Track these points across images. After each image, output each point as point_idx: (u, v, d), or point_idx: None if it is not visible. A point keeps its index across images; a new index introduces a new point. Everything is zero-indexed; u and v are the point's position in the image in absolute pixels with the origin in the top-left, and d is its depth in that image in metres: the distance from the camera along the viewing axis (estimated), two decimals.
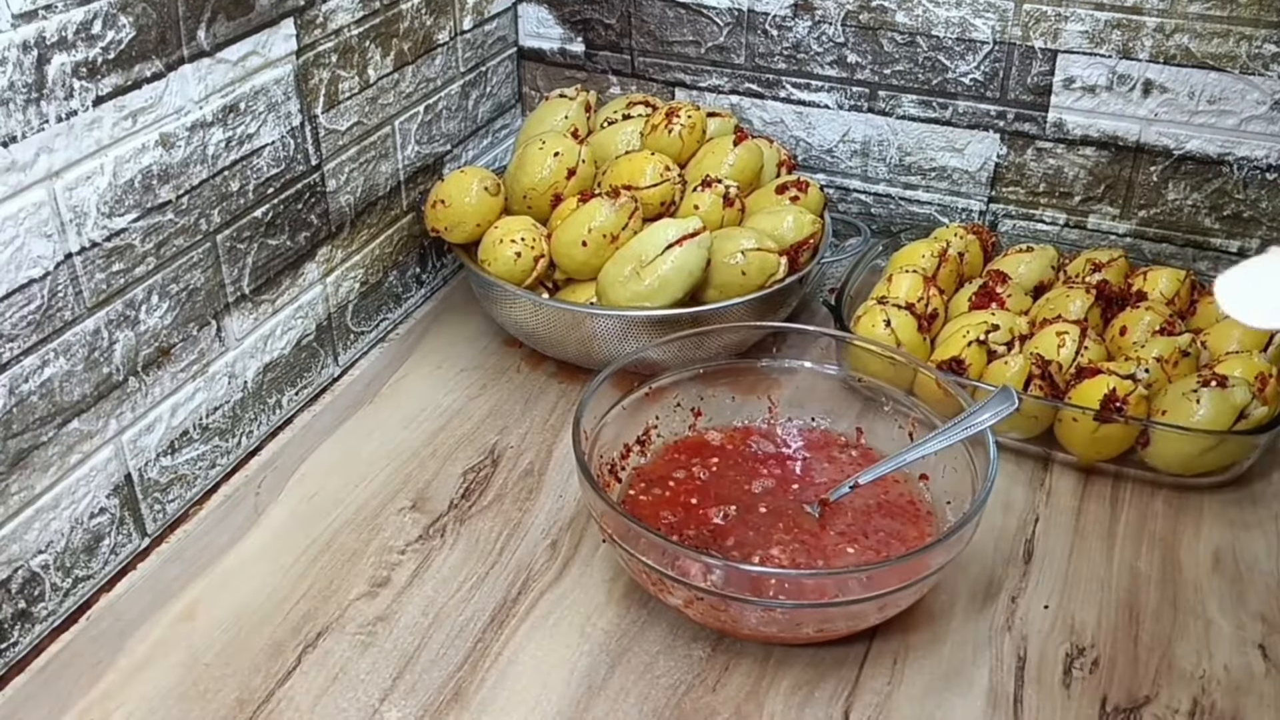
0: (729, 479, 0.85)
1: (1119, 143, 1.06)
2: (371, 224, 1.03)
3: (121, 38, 0.72)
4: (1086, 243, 1.11)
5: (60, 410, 0.74)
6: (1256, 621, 0.78)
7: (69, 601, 0.78)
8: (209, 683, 0.73)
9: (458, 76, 1.11)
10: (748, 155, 1.04)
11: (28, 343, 0.70)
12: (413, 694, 0.72)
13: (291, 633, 0.77)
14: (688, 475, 0.85)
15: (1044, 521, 0.86)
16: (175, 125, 0.78)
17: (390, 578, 0.81)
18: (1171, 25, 0.99)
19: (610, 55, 1.21)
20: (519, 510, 0.87)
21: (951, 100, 1.10)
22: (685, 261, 0.93)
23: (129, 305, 0.77)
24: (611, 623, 0.77)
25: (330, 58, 0.92)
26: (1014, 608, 0.79)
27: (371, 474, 0.91)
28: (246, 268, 0.88)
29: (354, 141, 0.97)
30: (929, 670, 0.74)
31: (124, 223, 0.75)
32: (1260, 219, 1.04)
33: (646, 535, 0.71)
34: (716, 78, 1.18)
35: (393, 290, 1.08)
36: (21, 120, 0.67)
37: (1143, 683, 0.73)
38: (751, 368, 0.92)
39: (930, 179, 1.15)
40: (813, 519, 0.81)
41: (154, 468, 0.83)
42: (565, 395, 1.00)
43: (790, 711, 0.71)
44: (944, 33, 1.07)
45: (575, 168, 1.02)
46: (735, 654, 0.75)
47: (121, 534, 0.81)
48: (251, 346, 0.91)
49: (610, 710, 0.71)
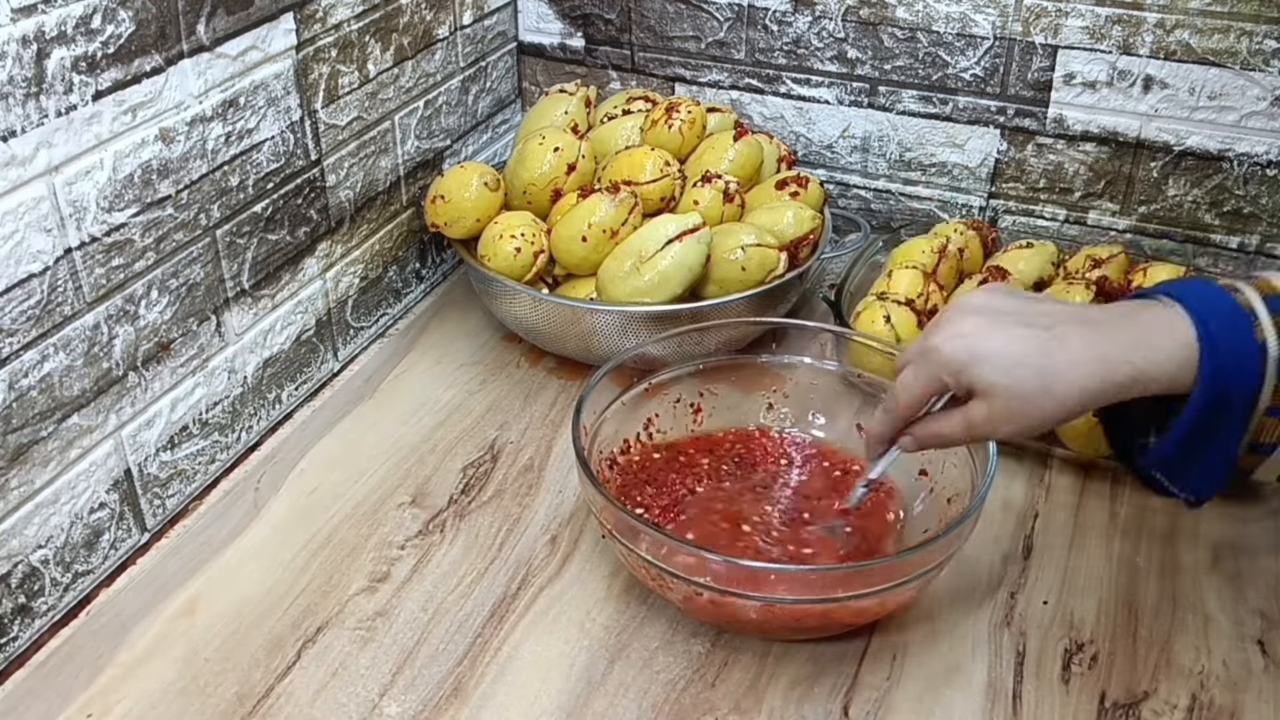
0: (730, 475, 0.85)
1: (1119, 138, 1.06)
2: (371, 219, 1.02)
3: (121, 32, 0.72)
4: (1086, 239, 1.11)
5: (60, 405, 0.74)
6: (1255, 617, 0.78)
7: (69, 596, 0.78)
8: (209, 678, 0.73)
9: (457, 71, 1.11)
10: (748, 151, 1.04)
11: (27, 337, 0.70)
12: (412, 689, 0.72)
13: (291, 628, 0.77)
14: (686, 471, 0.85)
15: (1043, 517, 0.86)
16: (175, 120, 0.78)
17: (390, 573, 0.81)
18: (1172, 21, 0.99)
19: (610, 50, 1.21)
20: (519, 505, 0.87)
21: (952, 96, 1.10)
22: (685, 257, 0.93)
23: (129, 300, 0.77)
24: (611, 618, 0.77)
25: (330, 52, 0.92)
26: (1013, 603, 0.79)
27: (371, 469, 0.91)
28: (246, 263, 0.88)
29: (354, 136, 0.97)
30: (928, 666, 0.74)
31: (123, 217, 0.75)
32: (1260, 215, 1.04)
33: (645, 530, 0.72)
34: (716, 73, 1.18)
35: (392, 285, 1.08)
36: (21, 115, 0.67)
37: (1141, 678, 0.74)
38: (751, 363, 0.92)
39: (930, 175, 1.15)
40: (811, 516, 0.81)
41: (154, 463, 0.83)
42: (565, 391, 1.00)
43: (789, 707, 0.71)
44: (944, 28, 1.07)
45: (575, 163, 1.02)
46: (734, 649, 0.75)
47: (121, 529, 0.81)
48: (251, 342, 0.91)
49: (610, 705, 0.71)
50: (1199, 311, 0.63)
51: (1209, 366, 0.62)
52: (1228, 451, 0.65)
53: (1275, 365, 0.62)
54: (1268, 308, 0.63)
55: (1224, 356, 0.62)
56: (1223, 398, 0.63)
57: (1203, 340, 0.62)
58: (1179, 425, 0.64)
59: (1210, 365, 0.62)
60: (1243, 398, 0.63)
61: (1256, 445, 0.65)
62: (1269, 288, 0.64)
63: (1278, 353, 0.62)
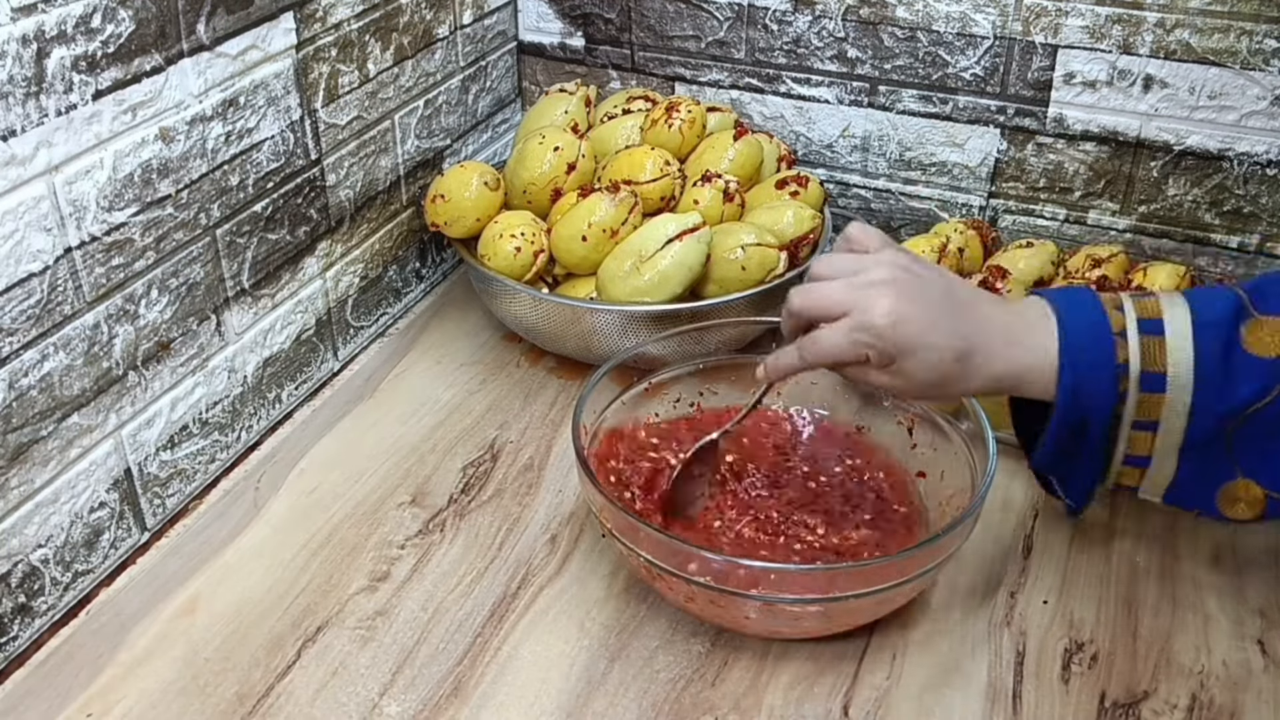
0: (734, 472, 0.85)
1: (1119, 138, 1.06)
2: (371, 219, 1.02)
3: (121, 31, 0.72)
4: (1086, 238, 1.11)
5: (60, 405, 0.74)
6: (1255, 617, 0.78)
7: (69, 596, 0.78)
8: (209, 677, 0.73)
9: (457, 71, 1.11)
10: (748, 150, 1.04)
11: (27, 337, 0.70)
12: (412, 688, 0.72)
13: (291, 627, 0.77)
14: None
15: (1043, 517, 0.86)
16: (175, 119, 0.78)
17: (390, 572, 0.81)
18: (1172, 20, 0.99)
19: (610, 50, 1.21)
20: (518, 505, 0.87)
21: (952, 95, 1.10)
22: (685, 257, 0.93)
23: (129, 300, 0.77)
24: (611, 617, 0.77)
25: (330, 52, 0.92)
26: (1013, 603, 0.79)
27: (371, 469, 0.91)
28: (246, 262, 0.88)
29: (354, 136, 0.97)
30: (928, 665, 0.74)
31: (123, 217, 0.75)
32: (1260, 214, 1.04)
33: (645, 530, 0.72)
34: (716, 72, 1.18)
35: (392, 285, 1.08)
36: (21, 114, 0.67)
37: (1141, 678, 0.74)
38: (751, 363, 0.91)
39: (930, 174, 1.14)
40: (814, 513, 0.81)
41: (153, 462, 0.83)
42: (565, 390, 1.00)
43: (789, 706, 0.71)
44: (944, 27, 1.07)
45: (575, 163, 1.02)
46: (734, 649, 0.75)
47: (121, 528, 0.81)
48: (251, 341, 0.90)
49: (609, 705, 0.71)
50: (1069, 325, 0.67)
51: (1068, 381, 0.66)
52: (1095, 463, 0.69)
53: (1136, 383, 0.66)
54: (1140, 330, 0.66)
55: (1083, 373, 0.66)
56: (1082, 412, 0.67)
57: (1064, 354, 0.67)
58: (1048, 432, 0.68)
59: (1069, 380, 0.66)
60: (1101, 415, 0.67)
61: (1131, 457, 0.68)
62: (1153, 310, 0.67)
63: (1139, 371, 0.66)
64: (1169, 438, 0.67)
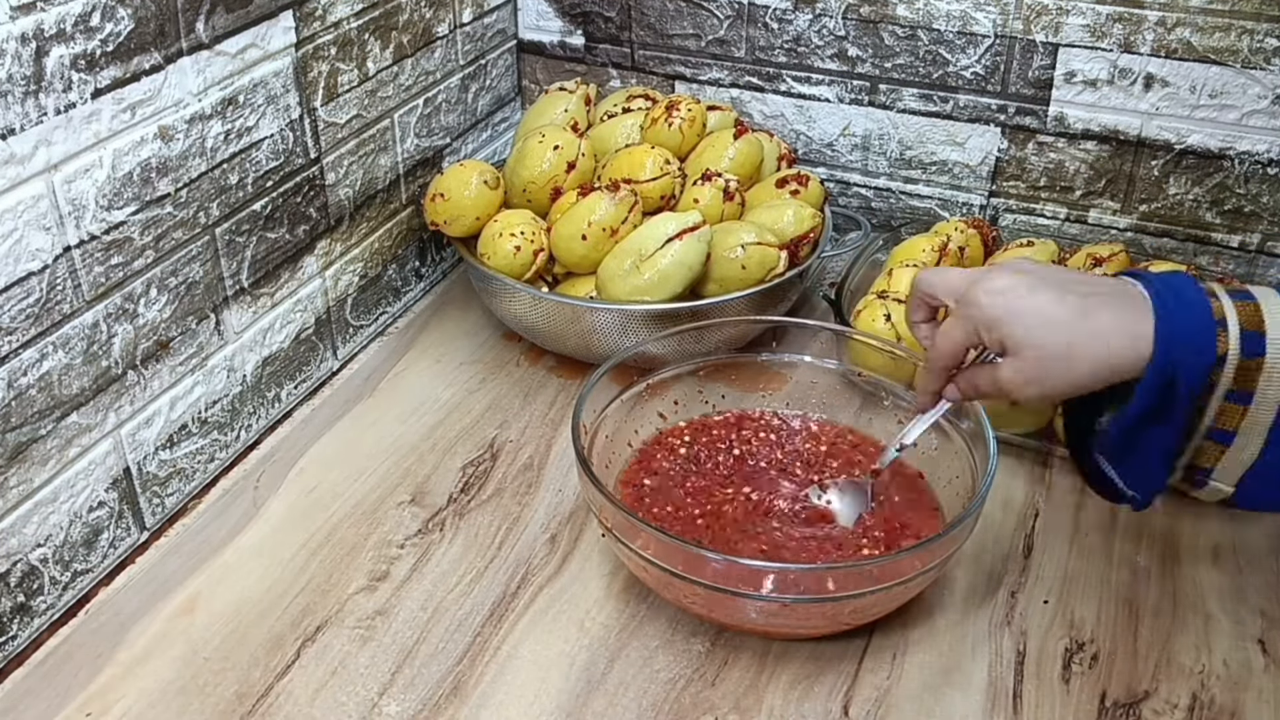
0: (732, 472, 0.85)
1: (1120, 137, 1.05)
2: (371, 217, 1.02)
3: (120, 30, 0.72)
4: (1087, 237, 1.11)
5: (59, 404, 0.74)
6: (1256, 616, 0.78)
7: (68, 595, 0.78)
8: (208, 676, 0.73)
9: (457, 69, 1.11)
10: (748, 149, 1.04)
11: (26, 336, 0.70)
12: (411, 688, 0.72)
13: (290, 627, 0.77)
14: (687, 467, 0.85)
15: (1044, 517, 0.86)
16: (174, 118, 0.78)
17: (389, 572, 0.81)
18: (1173, 19, 0.99)
19: (610, 48, 1.21)
20: (518, 504, 0.87)
21: (952, 94, 1.10)
22: (685, 256, 0.93)
23: (128, 299, 0.77)
24: (610, 617, 0.77)
25: (329, 50, 0.92)
26: (1013, 603, 0.79)
27: (370, 468, 0.91)
28: (245, 261, 0.88)
29: (353, 134, 0.97)
30: (928, 665, 0.74)
31: (123, 216, 0.75)
32: (1261, 214, 1.03)
33: (645, 529, 0.71)
34: (717, 71, 1.18)
35: (392, 284, 1.08)
36: (20, 113, 0.67)
37: (1142, 678, 0.73)
38: (751, 362, 0.91)
39: (931, 173, 1.14)
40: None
41: (153, 461, 0.83)
42: (564, 389, 1.00)
43: (789, 706, 0.71)
44: (945, 26, 1.07)
45: (575, 161, 1.02)
46: (734, 648, 0.75)
47: (120, 528, 0.81)
48: (250, 340, 0.90)
49: (609, 704, 0.71)
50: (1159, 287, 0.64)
51: (1164, 330, 0.63)
52: (1172, 438, 0.65)
53: (1238, 345, 0.62)
54: (1232, 297, 0.64)
55: (1178, 325, 0.63)
56: (1173, 371, 0.63)
57: (1158, 307, 0.63)
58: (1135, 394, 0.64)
59: (1165, 329, 0.63)
60: (1193, 376, 0.63)
61: (1217, 431, 0.64)
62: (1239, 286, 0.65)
63: (1239, 330, 0.62)
64: (1261, 412, 0.63)
